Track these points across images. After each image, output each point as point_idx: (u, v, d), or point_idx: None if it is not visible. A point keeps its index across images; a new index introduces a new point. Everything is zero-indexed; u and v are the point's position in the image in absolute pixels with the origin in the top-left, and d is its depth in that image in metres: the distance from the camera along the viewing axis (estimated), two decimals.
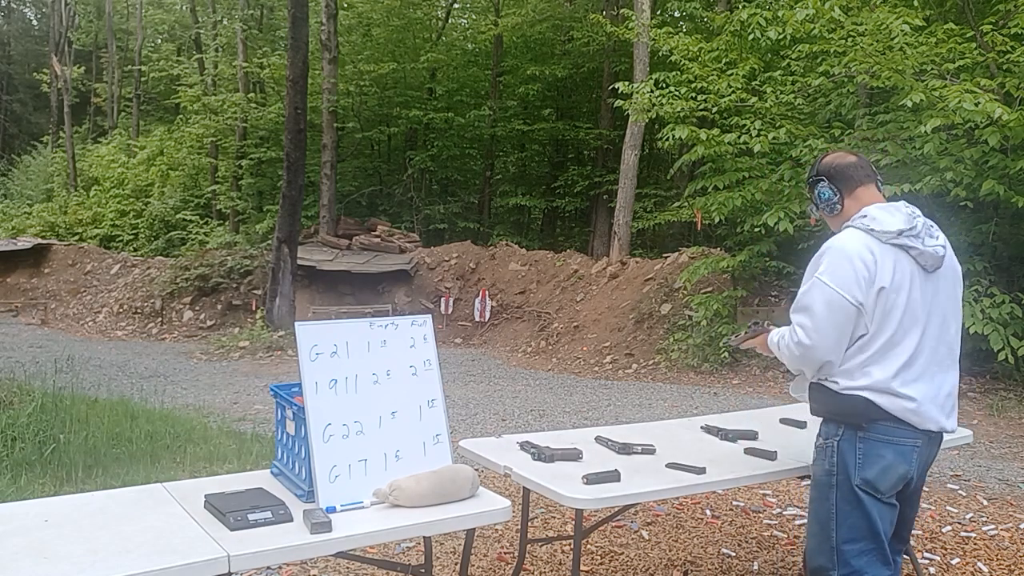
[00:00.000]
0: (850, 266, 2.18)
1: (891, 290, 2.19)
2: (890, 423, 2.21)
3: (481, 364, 10.94)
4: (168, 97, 26.11)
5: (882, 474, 2.21)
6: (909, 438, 2.23)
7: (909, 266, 2.23)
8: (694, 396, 8.36)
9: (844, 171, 2.40)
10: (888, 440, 2.21)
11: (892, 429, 2.21)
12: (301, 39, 12.62)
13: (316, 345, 2.24)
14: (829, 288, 2.19)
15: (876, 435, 2.21)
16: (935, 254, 2.26)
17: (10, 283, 16.29)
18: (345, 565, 3.40)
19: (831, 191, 2.40)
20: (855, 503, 2.23)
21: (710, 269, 9.95)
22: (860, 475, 2.22)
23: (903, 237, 2.22)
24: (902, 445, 2.22)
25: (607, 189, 17.14)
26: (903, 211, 2.30)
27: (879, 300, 2.18)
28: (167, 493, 2.24)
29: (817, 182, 2.43)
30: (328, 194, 16.38)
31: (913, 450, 2.24)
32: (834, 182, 2.40)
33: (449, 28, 22.24)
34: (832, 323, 2.19)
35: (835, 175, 2.40)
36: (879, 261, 2.19)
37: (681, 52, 8.93)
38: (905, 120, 7.82)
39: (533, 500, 3.72)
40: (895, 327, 2.20)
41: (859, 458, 2.22)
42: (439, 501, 2.18)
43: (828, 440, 2.31)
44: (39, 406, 5.45)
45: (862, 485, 2.22)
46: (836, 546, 2.25)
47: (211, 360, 11.07)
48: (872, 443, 2.22)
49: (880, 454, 2.21)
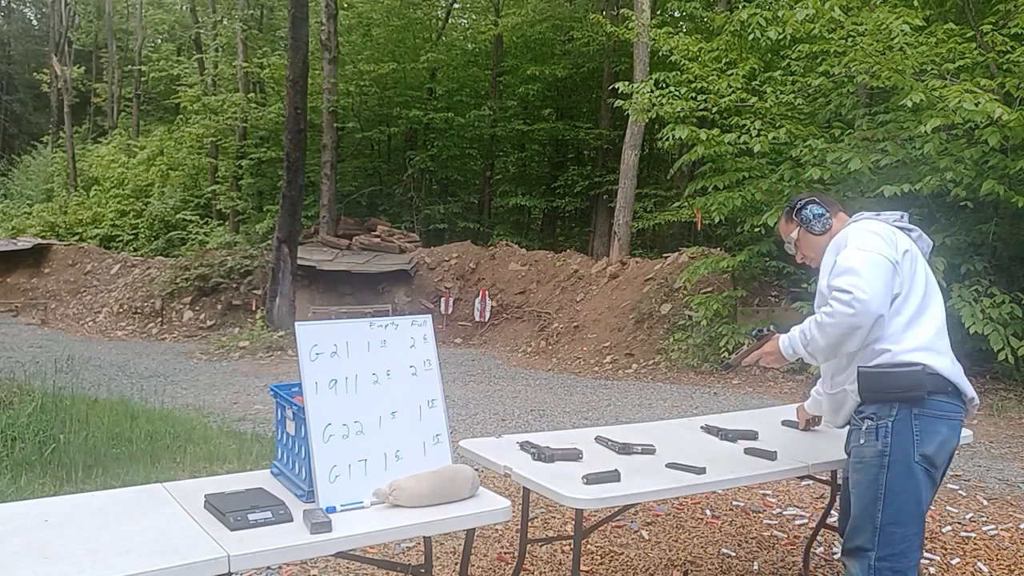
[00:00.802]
0: (874, 235, 2.36)
1: (911, 256, 2.37)
2: (943, 397, 2.30)
3: (481, 364, 10.94)
4: (168, 97, 26.11)
5: (940, 449, 2.29)
6: (957, 412, 2.33)
7: (912, 245, 2.44)
8: (694, 396, 8.36)
9: (823, 197, 2.64)
10: (942, 415, 2.30)
11: (945, 404, 2.30)
12: (301, 39, 12.63)
13: (316, 345, 2.23)
14: (864, 252, 2.30)
15: (931, 411, 2.28)
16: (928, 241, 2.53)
17: (10, 283, 16.29)
18: (345, 565, 3.40)
19: (821, 208, 2.58)
20: (910, 479, 2.27)
21: (710, 269, 9.95)
22: (919, 451, 2.27)
23: (902, 221, 2.50)
24: (953, 419, 2.32)
25: (607, 189, 17.15)
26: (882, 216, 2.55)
27: (905, 260, 2.34)
28: (167, 493, 2.24)
29: (805, 205, 2.61)
30: (328, 194, 16.38)
31: (959, 423, 2.35)
32: (823, 204, 2.61)
33: (449, 28, 22.24)
34: (878, 276, 2.26)
35: (818, 199, 2.62)
36: (896, 234, 2.41)
37: (681, 52, 8.93)
38: (905, 120, 7.82)
39: (533, 500, 3.72)
40: (922, 292, 2.35)
41: (917, 435, 2.28)
42: (439, 501, 2.18)
43: (882, 420, 2.31)
44: (39, 406, 5.45)
45: (921, 461, 2.27)
46: (880, 526, 2.27)
47: (211, 360, 11.07)
48: (927, 419, 2.28)
49: (936, 429, 2.28)
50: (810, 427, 3.13)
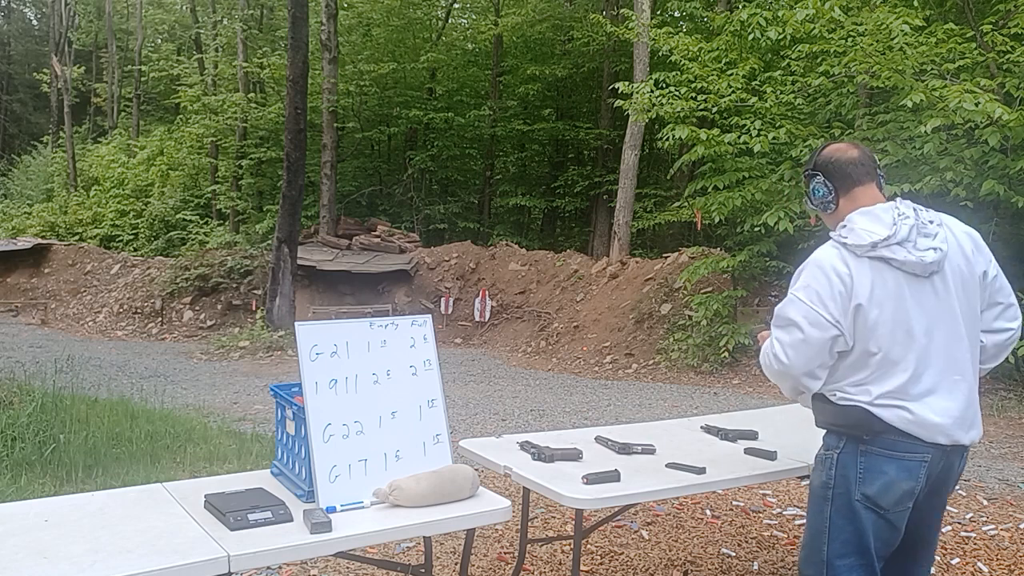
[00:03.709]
0: (826, 281, 2.08)
1: (871, 306, 2.06)
2: (894, 436, 2.08)
3: (481, 364, 10.94)
4: (168, 97, 26.11)
5: (884, 490, 2.10)
6: (916, 452, 2.08)
7: (892, 277, 2.08)
8: (694, 396, 8.36)
9: (842, 168, 2.22)
10: (891, 455, 2.08)
11: (896, 442, 2.08)
12: (301, 39, 12.62)
13: (316, 345, 2.24)
14: (805, 305, 2.09)
15: (879, 448, 2.10)
16: (920, 261, 2.07)
17: (10, 283, 16.29)
18: (345, 565, 3.40)
19: (826, 188, 2.25)
20: (851, 518, 2.13)
21: (710, 269, 9.96)
22: (860, 490, 2.12)
23: (879, 248, 2.07)
24: (907, 460, 2.08)
25: (607, 189, 17.15)
26: (888, 216, 2.12)
27: (857, 317, 2.07)
28: (167, 493, 2.24)
29: (812, 177, 2.29)
30: (328, 194, 16.38)
31: (921, 465, 2.09)
32: (830, 179, 2.24)
33: (449, 28, 22.24)
34: (808, 341, 2.08)
35: (832, 171, 2.24)
36: (855, 276, 2.08)
37: (681, 52, 8.93)
38: (905, 120, 7.82)
39: (533, 500, 3.72)
40: (887, 343, 2.07)
41: (860, 472, 2.12)
42: (439, 501, 2.18)
43: (828, 452, 2.20)
44: (39, 406, 5.44)
45: (862, 500, 2.12)
46: (827, 559, 2.16)
47: (211, 360, 11.07)
48: (874, 457, 2.10)
49: (882, 469, 2.09)
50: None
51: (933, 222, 2.15)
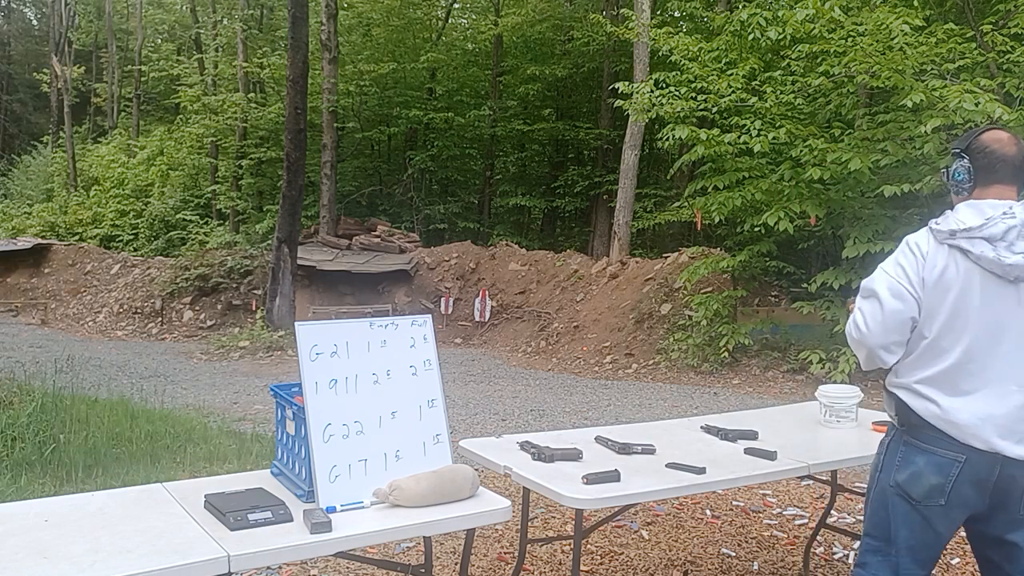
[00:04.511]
0: (911, 257, 2.16)
1: (936, 289, 2.11)
2: (929, 431, 2.13)
3: (481, 364, 10.94)
4: (168, 97, 26.12)
5: (912, 480, 2.15)
6: (950, 450, 2.10)
7: (966, 268, 2.09)
8: (694, 396, 8.36)
9: (992, 162, 2.18)
10: (925, 447, 2.14)
11: (932, 437, 2.13)
12: (301, 39, 12.63)
13: (316, 345, 2.23)
14: (889, 277, 2.17)
15: (917, 440, 2.16)
16: (998, 260, 2.05)
17: (10, 283, 16.29)
18: (345, 565, 3.40)
19: (967, 175, 2.21)
20: (883, 503, 2.22)
21: (710, 269, 9.96)
22: (894, 476, 2.20)
23: (958, 237, 2.10)
24: (939, 456, 2.12)
25: (607, 189, 17.15)
26: (991, 211, 2.11)
27: (925, 294, 2.13)
28: (167, 493, 2.24)
29: (958, 157, 2.25)
30: (328, 194, 16.39)
31: (954, 464, 2.10)
32: (975, 168, 2.20)
33: (449, 28, 22.25)
34: (887, 311, 2.13)
35: (980, 161, 2.19)
36: (929, 256, 2.14)
37: (681, 52, 8.93)
38: (905, 120, 7.82)
39: (533, 500, 3.72)
40: (940, 329, 2.11)
41: (898, 460, 2.20)
42: (439, 501, 2.18)
43: (885, 438, 2.30)
44: (39, 406, 5.44)
45: (895, 487, 2.19)
46: (864, 532, 2.30)
47: (211, 360, 11.07)
48: (911, 447, 2.17)
49: (913, 460, 2.16)
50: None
51: None
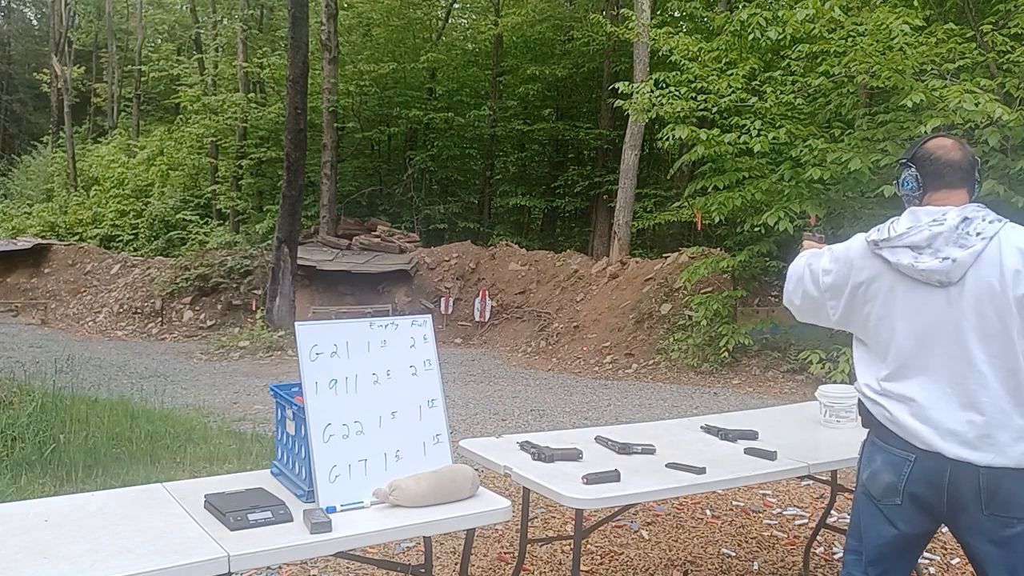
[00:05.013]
0: (844, 249, 2.26)
1: (864, 296, 2.17)
2: (885, 431, 2.17)
3: (481, 364, 10.94)
4: (168, 97, 26.11)
5: (871, 478, 2.20)
6: (900, 450, 2.12)
7: (890, 276, 2.12)
8: (694, 396, 8.36)
9: (938, 168, 2.16)
10: (884, 447, 2.18)
11: (888, 435, 2.16)
12: (301, 39, 12.63)
13: (316, 345, 2.24)
14: (830, 251, 2.32)
15: (878, 439, 2.20)
16: (913, 266, 2.06)
17: (10, 283, 16.29)
18: (345, 565, 3.40)
19: (915, 183, 2.19)
20: (857, 502, 2.28)
21: (710, 269, 9.96)
22: (861, 475, 2.26)
23: (881, 247, 2.13)
24: (893, 455, 2.14)
25: (607, 189, 17.15)
26: (924, 218, 2.11)
27: (848, 292, 2.22)
28: (167, 493, 2.24)
29: (905, 167, 2.24)
30: (328, 194, 16.39)
31: (905, 463, 2.11)
32: (922, 174, 2.18)
33: (449, 28, 22.25)
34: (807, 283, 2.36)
35: (926, 168, 2.18)
36: (857, 263, 2.20)
37: (681, 52, 8.92)
38: (905, 120, 7.82)
39: (533, 500, 3.72)
40: (871, 337, 2.19)
41: (864, 459, 2.25)
42: (439, 501, 2.18)
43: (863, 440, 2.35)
44: (39, 406, 5.44)
45: (861, 486, 2.26)
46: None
47: (211, 360, 11.07)
48: (875, 447, 2.21)
49: (874, 458, 2.20)
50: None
51: (980, 234, 2.04)
